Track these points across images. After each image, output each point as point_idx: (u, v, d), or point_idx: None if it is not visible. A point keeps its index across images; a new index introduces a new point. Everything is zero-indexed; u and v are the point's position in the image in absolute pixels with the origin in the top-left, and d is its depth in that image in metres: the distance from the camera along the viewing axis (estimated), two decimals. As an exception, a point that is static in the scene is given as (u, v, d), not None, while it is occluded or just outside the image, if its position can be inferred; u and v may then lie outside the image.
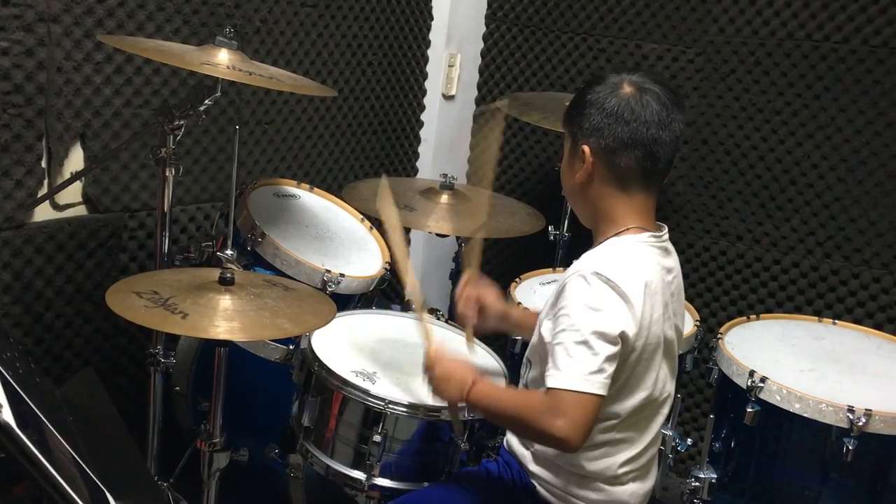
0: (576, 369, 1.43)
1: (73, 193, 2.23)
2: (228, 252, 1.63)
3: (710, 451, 2.17)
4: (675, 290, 1.63)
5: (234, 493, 2.46)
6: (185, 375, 2.34)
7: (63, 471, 0.95)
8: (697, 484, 2.16)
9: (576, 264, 1.55)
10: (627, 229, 1.57)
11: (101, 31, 2.16)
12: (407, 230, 3.12)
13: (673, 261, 1.64)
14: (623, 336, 1.46)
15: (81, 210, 2.26)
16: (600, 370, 1.43)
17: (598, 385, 1.43)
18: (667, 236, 1.63)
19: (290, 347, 2.04)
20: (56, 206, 2.21)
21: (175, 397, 2.39)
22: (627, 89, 1.55)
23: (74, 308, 2.26)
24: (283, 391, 2.07)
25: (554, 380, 1.44)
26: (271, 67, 1.92)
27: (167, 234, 1.96)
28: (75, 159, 2.20)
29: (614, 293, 1.46)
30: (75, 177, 2.05)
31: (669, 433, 2.28)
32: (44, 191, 2.14)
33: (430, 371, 1.65)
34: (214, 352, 2.00)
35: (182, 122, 1.88)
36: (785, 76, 2.70)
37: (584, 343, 1.44)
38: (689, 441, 2.33)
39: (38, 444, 0.94)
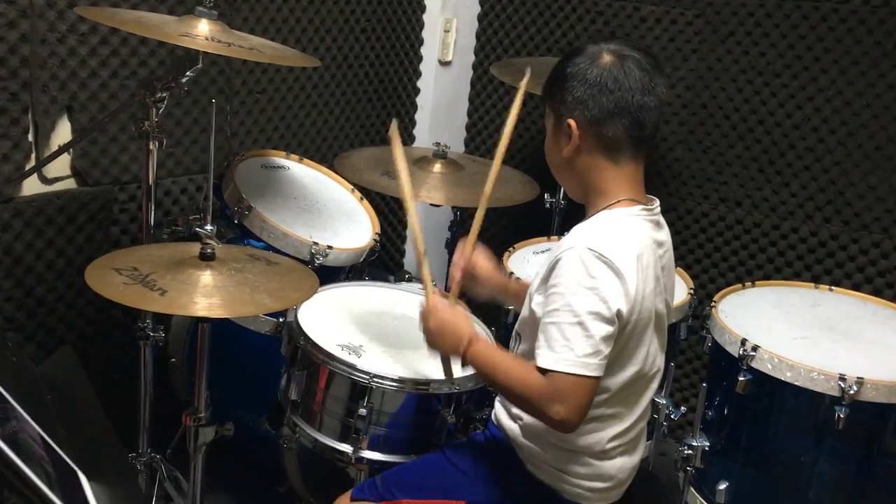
0: (572, 352, 1.41)
1: (61, 167, 2.22)
2: (208, 227, 1.62)
3: (703, 419, 2.16)
4: (666, 263, 1.60)
5: (229, 464, 2.48)
6: (180, 346, 2.34)
7: (23, 452, 0.94)
8: (690, 452, 2.15)
9: (568, 238, 1.52)
10: (619, 201, 1.55)
11: (84, 2, 2.13)
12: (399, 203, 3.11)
13: (665, 234, 1.61)
14: (618, 314, 1.44)
15: (70, 183, 2.25)
16: (596, 352, 1.42)
17: (594, 367, 1.42)
18: (658, 209, 1.60)
19: (280, 320, 2.04)
20: (45, 180, 2.20)
21: (171, 368, 2.40)
22: (607, 58, 1.53)
23: (66, 282, 2.26)
24: (276, 363, 2.07)
25: (550, 361, 1.43)
26: (253, 38, 1.89)
27: (153, 208, 1.94)
28: (63, 132, 2.18)
29: (609, 269, 1.44)
30: (61, 149, 2.03)
31: (663, 401, 2.28)
32: (31, 164, 2.13)
33: (426, 321, 1.63)
34: (212, 324, 2.00)
35: (164, 95, 1.85)
36: (784, 38, 2.64)
37: (580, 324, 1.42)
38: (683, 409, 2.34)
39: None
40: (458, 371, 1.67)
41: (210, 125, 2.47)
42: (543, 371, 1.44)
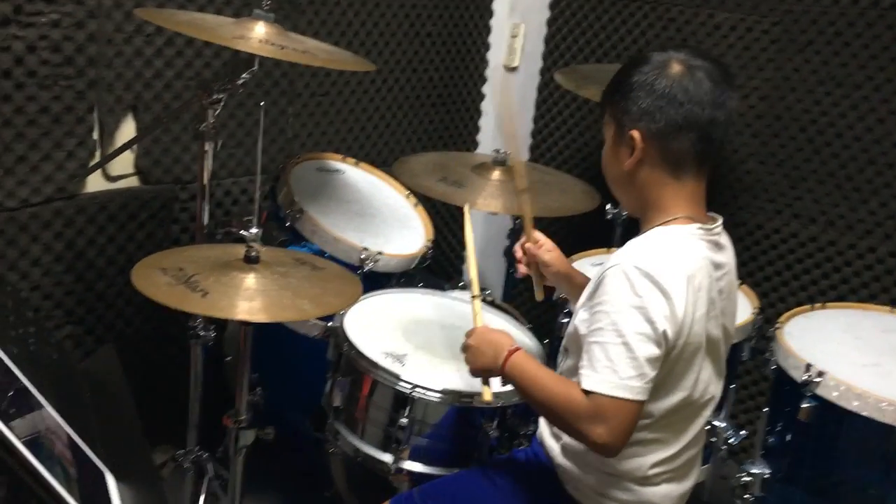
0: (615, 374, 1.36)
1: (125, 165, 2.26)
2: (253, 230, 1.62)
3: (763, 445, 2.07)
4: (726, 287, 1.52)
5: (278, 466, 2.49)
6: (235, 345, 2.36)
7: (43, 451, 0.94)
8: (749, 479, 2.07)
9: (616, 255, 1.46)
10: (675, 219, 1.48)
11: (151, 3, 2.17)
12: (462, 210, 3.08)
13: (725, 256, 1.53)
14: (664, 336, 1.38)
15: (133, 181, 2.30)
16: (641, 374, 1.36)
17: (638, 391, 1.37)
18: (720, 229, 1.52)
19: (329, 324, 2.03)
20: (108, 178, 2.24)
21: (226, 367, 2.43)
22: (676, 68, 1.45)
23: (125, 278, 2.29)
24: (325, 367, 2.06)
25: (592, 383, 1.37)
26: (308, 40, 1.88)
27: (207, 208, 1.96)
28: (127, 131, 2.22)
29: (655, 288, 1.37)
30: (121, 148, 2.07)
31: (722, 424, 2.20)
32: (95, 162, 2.17)
33: (467, 340, 1.60)
34: (264, 325, 2.00)
35: (221, 97, 1.86)
36: (867, 48, 2.51)
37: (625, 345, 1.36)
38: (743, 433, 2.25)
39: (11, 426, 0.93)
40: (496, 385, 1.62)
41: (268, 127, 2.51)
42: (586, 393, 1.38)
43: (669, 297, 1.37)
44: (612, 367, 1.36)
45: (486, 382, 1.62)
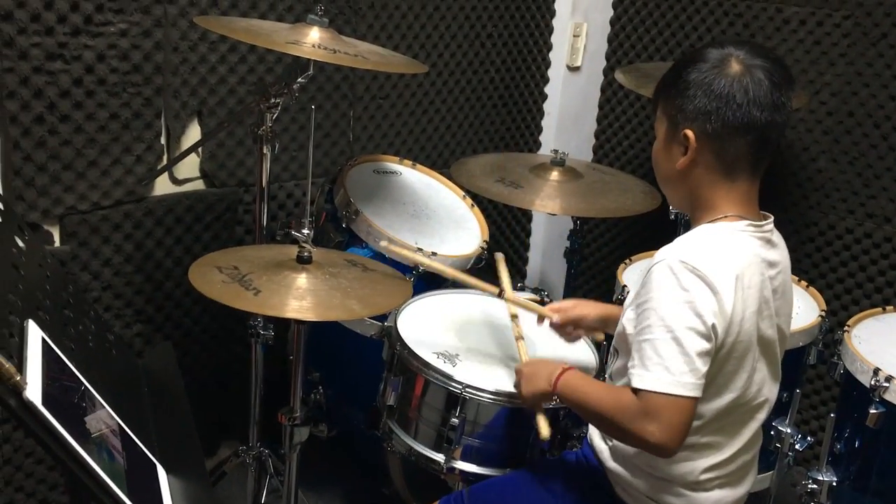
0: (667, 371, 1.34)
1: (191, 169, 2.33)
2: (304, 231, 1.65)
3: (830, 452, 2.01)
4: (779, 286, 1.48)
5: (339, 463, 2.53)
6: (297, 345, 2.41)
7: (90, 440, 0.98)
8: (815, 486, 2.01)
9: (662, 251, 1.44)
10: (725, 217, 1.45)
11: (215, 11, 2.23)
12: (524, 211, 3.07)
13: (778, 254, 1.49)
14: (714, 330, 1.35)
15: (199, 185, 2.36)
16: (693, 370, 1.34)
17: (691, 387, 1.34)
18: (771, 226, 1.49)
19: (385, 325, 2.05)
20: (175, 181, 2.31)
21: (289, 366, 2.47)
22: (735, 67, 1.41)
23: (192, 278, 2.37)
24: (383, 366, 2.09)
25: (643, 381, 1.36)
26: (361, 44, 1.91)
27: (265, 209, 2.01)
28: (193, 136, 2.29)
29: (702, 282, 1.35)
30: (186, 151, 2.13)
31: (787, 430, 2.14)
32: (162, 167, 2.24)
33: (519, 368, 1.64)
34: (324, 324, 2.04)
35: (278, 101, 1.91)
36: (945, 40, 2.41)
37: (675, 340, 1.34)
38: (810, 439, 2.18)
39: (67, 420, 0.97)
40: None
41: (329, 130, 2.54)
42: (637, 391, 1.37)
43: (717, 293, 1.35)
44: (663, 364, 1.34)
45: (541, 412, 1.64)
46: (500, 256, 1.95)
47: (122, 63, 2.08)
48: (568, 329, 1.80)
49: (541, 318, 1.81)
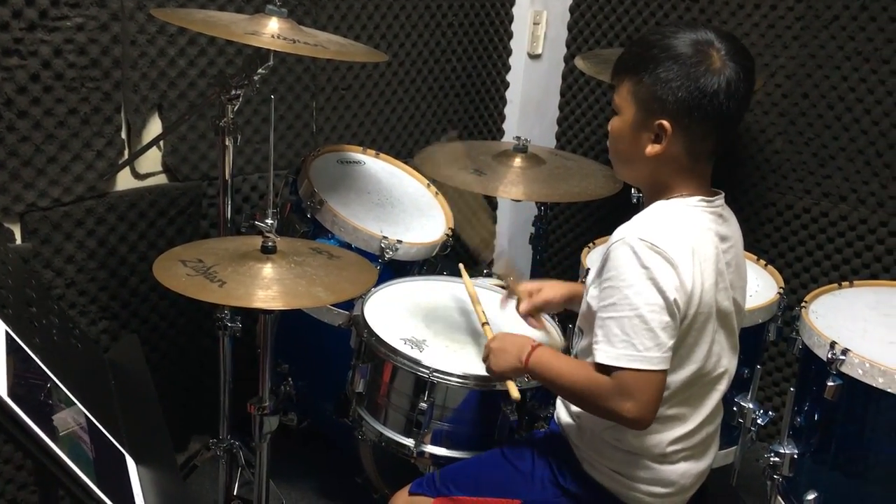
0: (633, 347, 1.38)
1: (153, 163, 2.32)
2: (268, 221, 1.65)
3: (791, 426, 2.05)
4: (732, 259, 1.52)
5: (311, 453, 2.54)
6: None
7: (59, 443, 0.99)
8: (778, 459, 2.05)
9: (620, 229, 1.47)
10: (680, 194, 1.49)
11: (173, 4, 2.22)
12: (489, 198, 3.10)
13: (729, 229, 1.53)
14: (676, 304, 1.39)
15: (162, 179, 2.35)
16: (658, 345, 1.38)
17: (658, 361, 1.38)
18: (722, 202, 1.53)
19: (352, 313, 2.06)
20: (137, 176, 2.30)
21: (258, 358, 2.47)
22: (717, 60, 1.40)
23: (157, 273, 2.36)
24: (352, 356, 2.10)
25: (611, 357, 1.39)
26: (321, 34, 1.91)
27: (230, 202, 2.00)
28: (154, 130, 2.28)
29: (662, 259, 1.38)
30: (147, 146, 2.13)
31: (749, 405, 2.19)
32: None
33: (489, 344, 1.66)
34: (292, 316, 2.04)
35: (239, 92, 1.90)
36: (893, 21, 2.47)
37: (639, 317, 1.38)
38: (771, 414, 2.23)
39: (35, 413, 0.98)
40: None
41: (293, 122, 2.54)
42: (607, 369, 1.40)
43: (676, 267, 1.38)
44: (629, 341, 1.38)
45: (511, 381, 1.67)
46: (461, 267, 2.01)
47: (80, 58, 2.06)
48: (534, 318, 1.84)
49: (508, 297, 1.85)
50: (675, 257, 1.39)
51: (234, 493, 2.20)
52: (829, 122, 2.64)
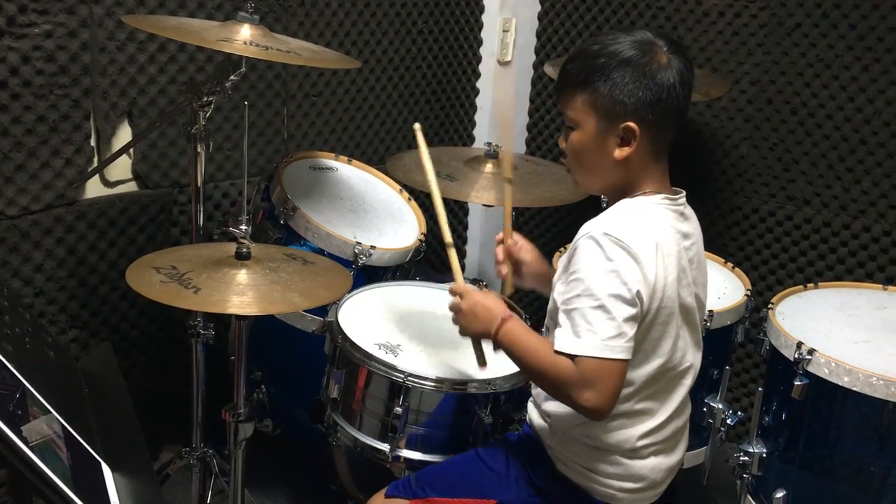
0: (595, 336, 1.40)
1: (123, 170, 2.31)
2: (242, 227, 1.65)
3: (760, 425, 2.09)
4: (694, 256, 1.56)
5: (285, 461, 2.53)
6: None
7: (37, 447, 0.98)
8: (747, 458, 2.09)
9: (586, 225, 1.50)
10: (644, 192, 1.52)
11: (142, 10, 2.21)
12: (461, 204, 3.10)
13: (691, 226, 1.58)
14: (639, 296, 1.42)
15: (132, 186, 2.34)
16: (620, 334, 1.40)
17: (620, 350, 1.40)
18: (684, 200, 1.57)
19: (326, 319, 2.06)
20: (107, 183, 2.29)
21: (231, 366, 2.46)
22: (663, 55, 1.47)
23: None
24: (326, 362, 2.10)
25: (573, 346, 1.41)
26: (293, 41, 1.92)
27: (201, 209, 2.00)
28: (123, 137, 2.26)
29: (626, 253, 1.42)
30: (117, 153, 2.11)
31: (719, 406, 2.22)
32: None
33: (457, 304, 1.62)
34: (265, 323, 2.04)
35: (211, 99, 1.90)
36: (854, 28, 2.53)
37: (602, 308, 1.40)
38: (740, 414, 2.26)
39: (10, 422, 0.97)
40: (490, 355, 1.64)
41: (264, 129, 2.54)
42: (570, 357, 1.42)
43: (639, 261, 1.42)
44: (591, 330, 1.40)
45: (477, 345, 1.65)
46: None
47: (48, 65, 2.05)
48: (503, 265, 1.81)
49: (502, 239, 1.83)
50: (638, 252, 1.42)
51: (208, 502, 2.19)
52: (793, 128, 2.70)
